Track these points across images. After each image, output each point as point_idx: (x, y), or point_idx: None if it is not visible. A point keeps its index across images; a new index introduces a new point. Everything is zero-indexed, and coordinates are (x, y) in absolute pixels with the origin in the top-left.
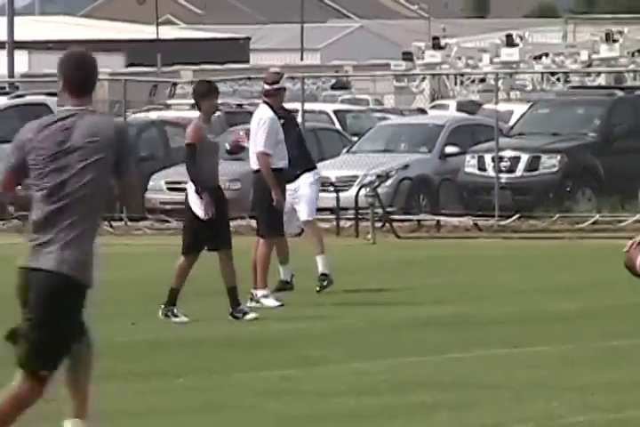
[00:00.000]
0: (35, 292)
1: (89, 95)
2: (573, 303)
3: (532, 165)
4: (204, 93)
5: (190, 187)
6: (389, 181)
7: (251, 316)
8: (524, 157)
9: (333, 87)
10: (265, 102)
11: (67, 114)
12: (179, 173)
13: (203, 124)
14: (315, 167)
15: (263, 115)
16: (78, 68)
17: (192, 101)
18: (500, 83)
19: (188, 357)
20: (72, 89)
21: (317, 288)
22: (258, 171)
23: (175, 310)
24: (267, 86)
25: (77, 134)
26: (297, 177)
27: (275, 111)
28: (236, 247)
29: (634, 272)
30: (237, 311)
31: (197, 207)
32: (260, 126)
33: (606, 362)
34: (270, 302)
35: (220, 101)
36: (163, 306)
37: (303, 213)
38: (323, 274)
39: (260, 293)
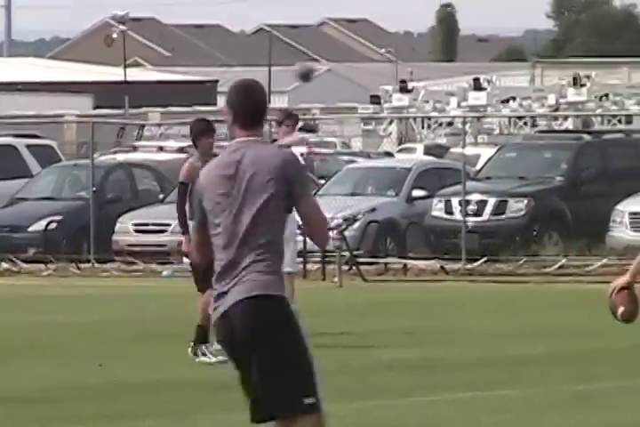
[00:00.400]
0: (244, 327)
1: (260, 126)
2: (539, 347)
3: (499, 208)
4: (201, 132)
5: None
6: (356, 225)
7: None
8: (491, 201)
9: (301, 130)
10: None
11: (236, 147)
12: (146, 215)
13: (198, 164)
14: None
15: None
16: (249, 99)
17: (159, 143)
18: (467, 126)
19: (155, 399)
20: (243, 121)
21: None
22: None
23: (204, 348)
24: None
25: (246, 165)
26: None
27: None
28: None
29: (617, 318)
30: (200, 349)
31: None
32: None
33: (573, 406)
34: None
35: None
36: (192, 344)
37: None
38: None
39: None
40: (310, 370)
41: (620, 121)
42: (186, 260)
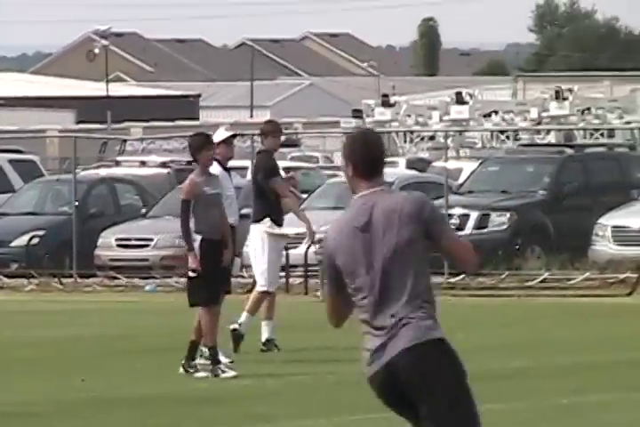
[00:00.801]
0: (416, 373)
1: (381, 175)
2: (522, 361)
3: (482, 222)
4: (200, 146)
5: (194, 240)
6: None
7: (200, 374)
8: (474, 215)
9: (283, 145)
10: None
11: (364, 201)
12: (128, 229)
13: (199, 179)
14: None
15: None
16: (369, 149)
17: (141, 158)
18: (449, 140)
19: (138, 414)
20: (365, 172)
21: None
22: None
23: (222, 367)
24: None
25: (379, 217)
26: None
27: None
28: (185, 304)
29: None
30: (189, 366)
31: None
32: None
33: (558, 420)
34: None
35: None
36: (210, 366)
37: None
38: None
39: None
40: (477, 412)
41: (602, 135)
42: (191, 273)
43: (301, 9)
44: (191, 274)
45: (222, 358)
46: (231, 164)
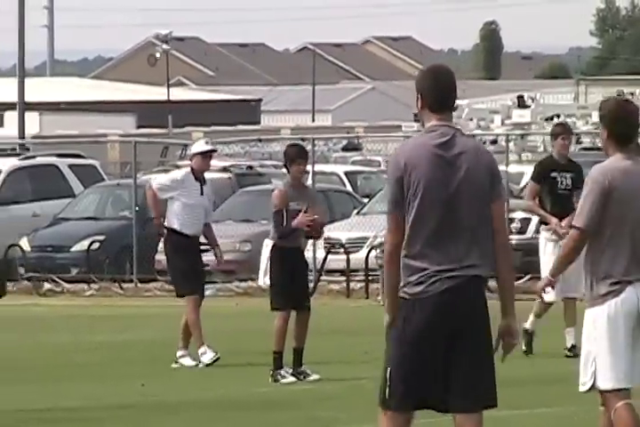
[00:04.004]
0: (465, 305)
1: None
2: (577, 365)
3: None
4: (294, 157)
5: (266, 245)
6: None
7: (313, 377)
8: (535, 219)
9: (345, 149)
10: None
11: (443, 131)
12: None
13: (288, 190)
14: None
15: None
16: (446, 83)
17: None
18: (511, 144)
19: (197, 419)
20: (440, 105)
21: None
22: (169, 228)
23: (282, 372)
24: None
25: (461, 154)
26: None
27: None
28: (246, 308)
29: None
30: (299, 373)
31: (261, 271)
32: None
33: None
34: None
35: (230, 163)
36: (271, 372)
37: None
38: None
39: (199, 350)
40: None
41: None
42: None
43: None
44: (261, 284)
45: (210, 354)
46: None
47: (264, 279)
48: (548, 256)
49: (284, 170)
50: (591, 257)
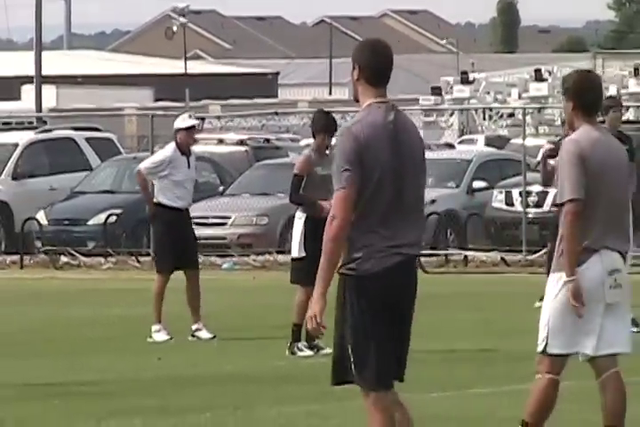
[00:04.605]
0: (409, 282)
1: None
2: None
3: None
4: (319, 129)
5: (299, 218)
6: None
7: (326, 351)
8: (552, 192)
9: None
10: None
11: (387, 108)
12: (206, 207)
13: (312, 156)
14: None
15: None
16: (386, 57)
17: (219, 136)
18: (528, 117)
19: (214, 392)
20: (380, 80)
21: None
22: (158, 204)
23: (300, 345)
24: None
25: (404, 132)
26: None
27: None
28: (263, 282)
29: None
30: (312, 346)
31: (295, 243)
32: None
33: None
34: (160, 336)
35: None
36: (288, 344)
37: None
38: None
39: (153, 327)
40: None
41: None
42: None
43: None
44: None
45: (163, 336)
46: None
47: (299, 252)
48: None
49: (304, 142)
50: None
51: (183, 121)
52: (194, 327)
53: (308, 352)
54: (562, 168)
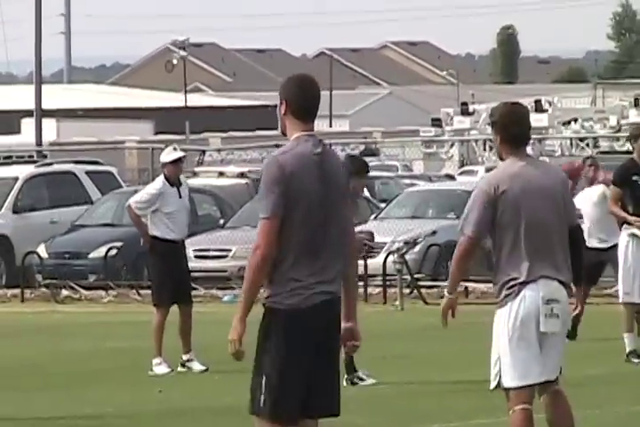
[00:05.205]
0: (338, 324)
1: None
2: (599, 368)
3: None
4: (356, 171)
5: None
6: (417, 248)
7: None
8: None
9: (362, 154)
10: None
11: (315, 141)
12: (206, 240)
13: None
14: None
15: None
16: (315, 93)
17: (220, 169)
18: (529, 148)
19: (215, 424)
20: (309, 115)
21: None
22: (153, 237)
23: (360, 374)
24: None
25: (329, 165)
26: None
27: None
28: (261, 314)
29: None
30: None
31: None
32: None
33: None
34: (161, 369)
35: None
36: (346, 376)
37: None
38: None
39: (154, 360)
40: None
41: None
42: None
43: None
44: None
45: (164, 369)
46: None
47: None
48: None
49: None
50: (495, 263)
51: (168, 154)
52: (185, 358)
53: (371, 380)
54: (470, 201)
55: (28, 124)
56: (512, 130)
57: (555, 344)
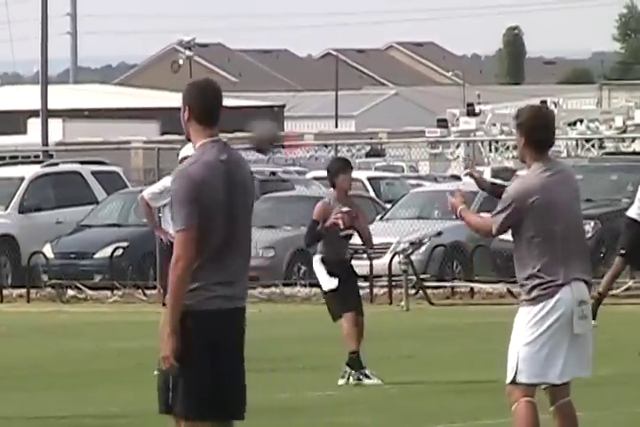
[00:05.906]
0: (241, 330)
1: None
2: (606, 369)
3: None
4: (338, 170)
5: (316, 260)
6: (423, 248)
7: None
8: None
9: (368, 154)
10: None
11: (220, 146)
12: None
13: (332, 202)
14: None
15: None
16: (218, 99)
17: None
18: None
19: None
20: (213, 120)
21: None
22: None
23: (367, 372)
24: None
25: (235, 170)
26: None
27: None
28: (268, 314)
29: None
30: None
31: (323, 277)
32: None
33: None
34: None
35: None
36: (353, 372)
37: None
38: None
39: None
40: None
41: None
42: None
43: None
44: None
45: None
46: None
47: (330, 283)
48: None
49: (311, 175)
50: (526, 264)
51: (188, 150)
52: None
53: (376, 380)
54: (501, 203)
55: (34, 125)
56: (537, 134)
57: (583, 344)
